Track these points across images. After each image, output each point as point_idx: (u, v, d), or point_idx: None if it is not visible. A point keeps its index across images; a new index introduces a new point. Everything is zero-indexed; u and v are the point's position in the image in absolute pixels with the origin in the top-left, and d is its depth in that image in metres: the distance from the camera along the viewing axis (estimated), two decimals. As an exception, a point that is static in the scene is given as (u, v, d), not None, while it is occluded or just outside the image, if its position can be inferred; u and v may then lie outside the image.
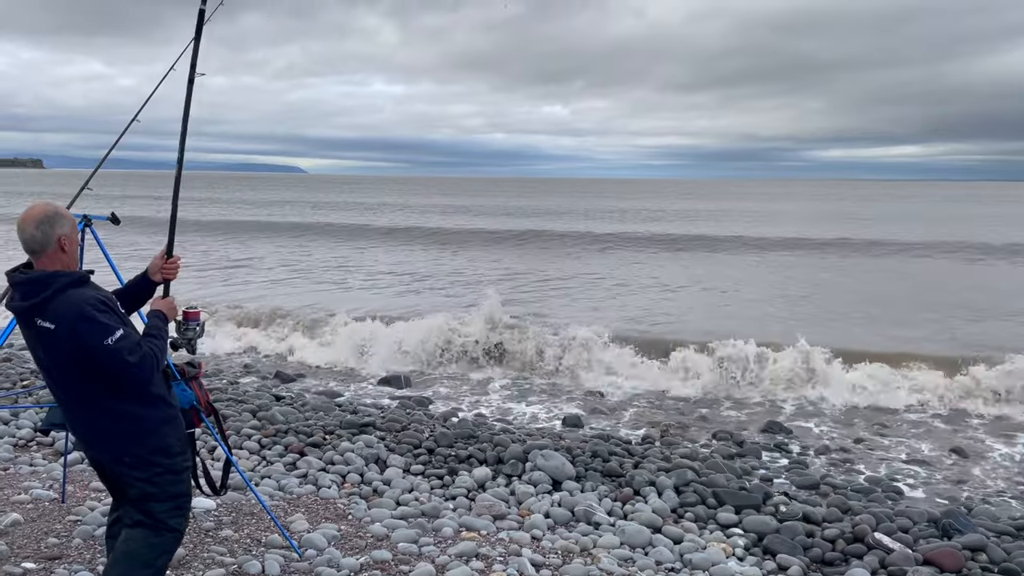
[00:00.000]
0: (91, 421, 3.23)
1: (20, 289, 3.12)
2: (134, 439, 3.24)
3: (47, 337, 3.08)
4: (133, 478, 3.27)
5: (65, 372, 3.15)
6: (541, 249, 27.62)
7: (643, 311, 15.09)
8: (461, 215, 46.35)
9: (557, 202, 67.42)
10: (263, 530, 4.78)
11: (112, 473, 3.35)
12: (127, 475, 3.28)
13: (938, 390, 9.81)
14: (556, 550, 4.89)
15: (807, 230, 34.83)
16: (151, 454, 3.27)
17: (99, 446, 3.29)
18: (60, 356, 3.11)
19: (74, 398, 3.21)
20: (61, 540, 4.48)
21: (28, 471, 5.86)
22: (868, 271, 22.33)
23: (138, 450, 3.25)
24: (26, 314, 3.10)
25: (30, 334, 3.16)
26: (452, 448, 7.21)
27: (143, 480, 3.27)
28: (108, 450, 3.27)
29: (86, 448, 3.38)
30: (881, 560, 5.40)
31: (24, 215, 3.13)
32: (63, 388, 3.21)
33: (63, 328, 3.03)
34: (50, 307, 3.05)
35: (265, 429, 7.50)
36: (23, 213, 3.14)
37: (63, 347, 3.07)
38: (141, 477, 3.27)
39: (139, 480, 3.27)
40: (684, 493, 6.38)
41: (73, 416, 3.29)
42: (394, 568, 4.34)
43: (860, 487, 6.98)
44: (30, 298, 3.08)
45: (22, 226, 3.11)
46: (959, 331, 13.16)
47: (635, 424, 8.84)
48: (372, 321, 12.66)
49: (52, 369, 3.18)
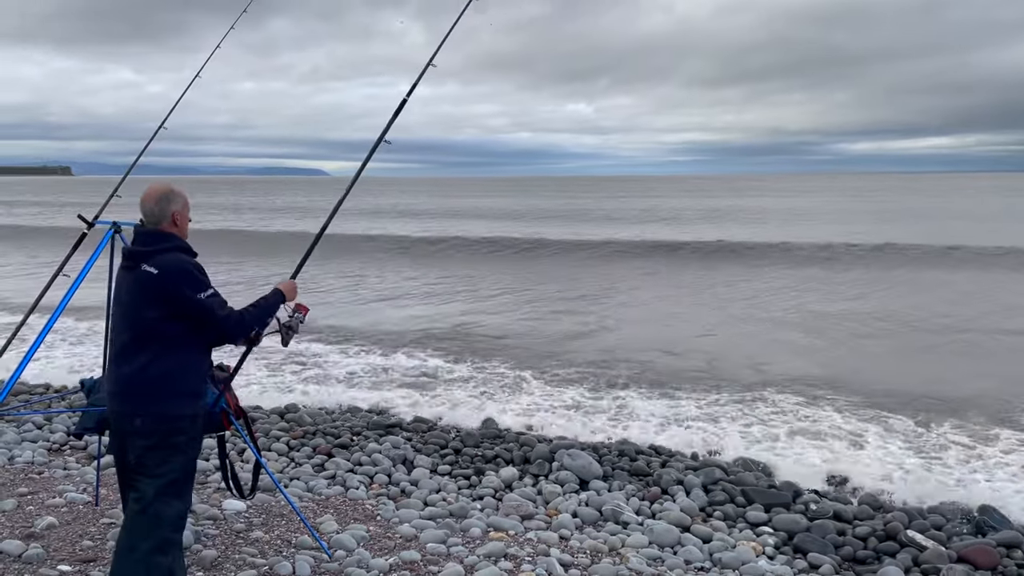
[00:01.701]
0: (137, 366, 3.41)
1: (141, 238, 3.54)
2: (161, 399, 3.40)
3: (147, 279, 3.43)
4: (138, 440, 3.40)
5: (142, 312, 3.43)
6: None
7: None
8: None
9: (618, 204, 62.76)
10: (293, 531, 4.82)
11: (123, 429, 3.46)
12: (135, 434, 3.40)
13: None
14: (584, 550, 4.88)
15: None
16: (167, 420, 3.41)
17: (129, 396, 3.42)
18: (149, 297, 3.43)
19: (135, 339, 3.44)
20: (95, 543, 4.54)
21: (62, 475, 5.95)
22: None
23: (157, 410, 3.40)
24: (137, 257, 3.47)
25: (128, 276, 3.48)
26: (479, 448, 7.22)
27: (145, 445, 3.39)
28: (132, 402, 3.41)
29: (114, 400, 3.48)
30: (914, 558, 5.34)
31: (145, 192, 3.56)
32: (131, 327, 3.45)
33: (165, 275, 3.42)
34: (158, 258, 3.46)
35: (293, 431, 7.57)
36: (145, 191, 3.58)
37: (157, 290, 3.42)
38: (145, 443, 3.39)
39: (141, 443, 3.39)
40: (712, 492, 6.34)
41: (121, 359, 3.47)
42: (423, 568, 4.35)
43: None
44: (146, 246, 3.50)
45: (144, 201, 3.56)
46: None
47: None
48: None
49: (132, 308, 3.45)
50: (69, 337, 12.91)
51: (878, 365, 11.51)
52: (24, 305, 4.87)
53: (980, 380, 10.79)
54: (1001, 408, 9.31)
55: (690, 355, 12.10)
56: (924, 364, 11.81)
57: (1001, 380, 10.61)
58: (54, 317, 4.32)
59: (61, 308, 4.30)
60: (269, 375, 10.73)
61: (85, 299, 5.67)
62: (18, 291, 17.71)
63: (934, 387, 10.28)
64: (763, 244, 27.22)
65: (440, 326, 14.84)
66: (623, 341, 13.38)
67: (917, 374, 11.02)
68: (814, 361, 11.87)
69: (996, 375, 10.97)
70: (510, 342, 13.31)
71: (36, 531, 4.67)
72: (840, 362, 11.84)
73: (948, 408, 9.28)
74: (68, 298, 4.33)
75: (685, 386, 10.26)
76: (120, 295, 3.55)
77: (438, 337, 13.74)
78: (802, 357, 12.23)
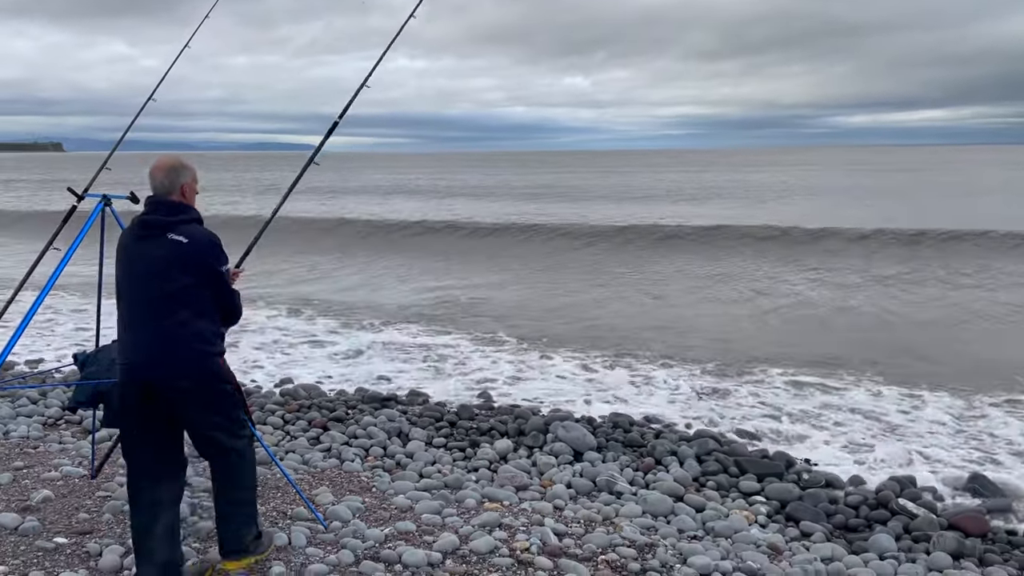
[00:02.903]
0: (170, 330, 3.50)
1: (161, 208, 3.57)
2: (202, 359, 3.57)
3: (175, 247, 3.51)
4: (190, 400, 3.56)
5: (175, 279, 3.51)
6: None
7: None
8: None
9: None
10: (289, 503, 4.84)
11: (165, 395, 3.52)
12: (184, 397, 3.53)
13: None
14: (578, 519, 4.92)
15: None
16: (210, 377, 3.60)
17: (165, 361, 3.50)
18: (181, 264, 3.52)
19: (165, 304, 3.50)
20: (91, 515, 4.56)
21: (57, 449, 5.96)
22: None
23: (202, 368, 3.57)
24: (164, 227, 3.53)
25: (150, 245, 3.52)
26: (473, 421, 7.25)
27: (200, 403, 3.58)
28: (171, 366, 3.50)
29: (143, 369, 3.51)
30: (905, 525, 5.39)
31: (155, 165, 3.63)
32: (159, 294, 3.50)
33: (196, 245, 3.55)
34: (183, 228, 3.55)
35: (288, 405, 7.59)
36: (154, 162, 3.64)
37: (188, 258, 3.52)
38: (200, 401, 3.57)
39: (195, 402, 3.56)
40: (706, 462, 6.38)
41: (145, 326, 3.51)
42: (418, 539, 4.38)
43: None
44: (169, 216, 3.55)
45: (153, 173, 3.61)
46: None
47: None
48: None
49: (159, 276, 3.49)
50: (62, 311, 12.88)
51: (883, 343, 11.51)
52: (15, 281, 4.84)
53: (974, 352, 10.87)
54: (995, 380, 9.37)
55: (689, 332, 12.14)
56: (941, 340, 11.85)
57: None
58: (45, 290, 4.30)
59: (52, 281, 4.28)
60: (262, 350, 10.73)
61: (76, 273, 5.64)
62: (7, 269, 17.61)
63: (931, 360, 10.36)
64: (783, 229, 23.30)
65: (434, 303, 14.84)
66: (620, 318, 13.41)
67: (924, 348, 11.10)
68: (814, 340, 11.94)
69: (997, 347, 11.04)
70: (506, 317, 13.32)
71: (32, 504, 4.69)
72: (835, 340, 11.91)
73: (940, 380, 9.34)
74: (59, 271, 4.31)
75: (681, 360, 10.29)
76: (135, 265, 3.55)
77: (433, 313, 13.75)
78: (801, 335, 12.30)
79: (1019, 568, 4.78)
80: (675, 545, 4.58)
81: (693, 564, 4.26)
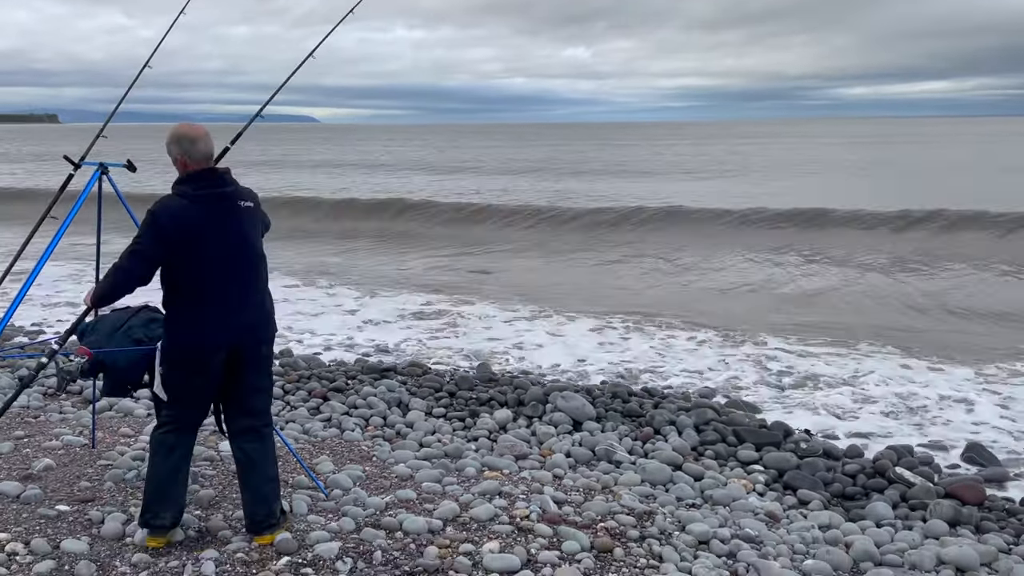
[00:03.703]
0: (260, 297, 3.73)
1: (223, 177, 3.62)
2: (273, 324, 3.83)
3: (249, 215, 3.67)
4: (266, 363, 3.84)
5: (257, 245, 3.72)
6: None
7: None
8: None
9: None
10: (290, 472, 4.86)
11: (258, 355, 3.74)
12: (255, 361, 3.74)
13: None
14: (578, 488, 4.94)
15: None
16: (273, 343, 3.89)
17: (259, 327, 3.73)
18: (256, 229, 3.72)
19: (254, 274, 3.69)
20: (93, 483, 4.58)
21: (58, 419, 5.98)
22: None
23: (273, 334, 3.85)
24: (235, 197, 3.63)
25: (234, 214, 3.60)
26: (473, 391, 7.27)
27: (262, 370, 3.81)
28: (260, 333, 3.75)
29: (237, 332, 3.64)
30: (902, 494, 5.43)
31: (191, 133, 3.59)
32: (249, 264, 3.66)
33: (258, 207, 3.75)
34: (243, 192, 3.69)
35: (288, 375, 7.60)
36: (192, 127, 3.63)
37: (257, 221, 3.74)
38: (262, 368, 3.80)
39: (256, 368, 3.76)
40: (704, 432, 6.41)
41: (246, 295, 3.65)
42: (418, 507, 4.40)
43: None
44: (231, 184, 3.64)
45: (196, 142, 3.58)
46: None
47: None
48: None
49: (244, 246, 3.63)
50: (62, 280, 12.86)
51: (885, 317, 11.51)
52: (12, 252, 4.82)
53: (973, 326, 10.91)
54: (997, 352, 9.40)
55: (691, 304, 12.16)
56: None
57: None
58: (43, 259, 4.28)
59: (50, 250, 4.26)
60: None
61: (77, 243, 5.58)
62: (5, 240, 17.55)
63: (931, 333, 10.40)
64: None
65: (435, 273, 14.84)
66: (624, 291, 13.44)
67: (909, 319, 11.12)
68: (810, 309, 11.97)
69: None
70: (508, 288, 13.33)
71: (34, 472, 4.71)
72: (838, 309, 11.95)
73: (940, 351, 9.37)
74: (56, 240, 4.29)
75: (680, 331, 10.31)
76: (229, 238, 3.58)
77: (431, 284, 13.76)
78: (797, 306, 12.33)
79: (1015, 535, 4.82)
80: (674, 513, 4.61)
81: (692, 531, 4.29)
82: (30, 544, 3.76)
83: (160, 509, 3.72)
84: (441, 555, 3.78)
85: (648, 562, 3.90)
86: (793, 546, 4.35)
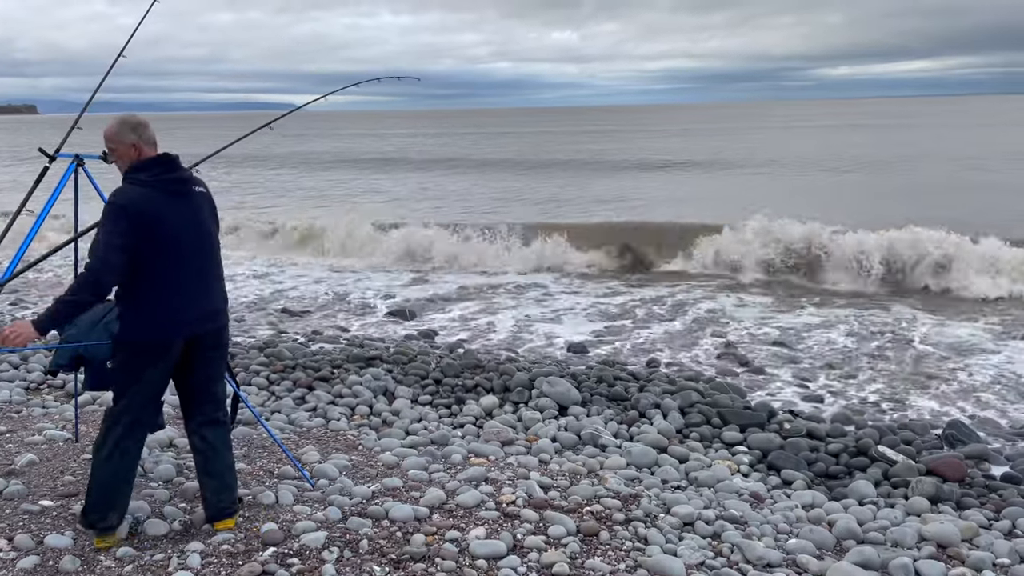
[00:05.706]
0: (221, 284, 3.76)
1: (175, 162, 3.62)
2: (228, 314, 3.86)
3: (205, 200, 3.68)
4: (224, 351, 3.86)
5: (213, 231, 3.72)
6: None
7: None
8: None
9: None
10: (275, 462, 4.86)
11: (206, 344, 3.71)
12: (216, 348, 3.76)
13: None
14: (564, 472, 4.96)
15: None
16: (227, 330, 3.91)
17: (222, 314, 3.77)
18: (212, 215, 3.73)
19: (213, 261, 3.71)
20: (76, 478, 4.55)
21: (40, 413, 5.93)
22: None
23: (228, 322, 3.89)
24: (191, 182, 3.65)
25: (190, 200, 3.60)
26: (459, 378, 7.27)
27: (220, 356, 3.84)
28: (222, 319, 3.79)
29: (203, 321, 3.66)
30: (885, 472, 5.49)
31: (135, 120, 3.63)
32: (209, 250, 3.67)
33: (210, 193, 3.75)
34: (196, 177, 3.73)
35: (273, 365, 7.57)
36: (128, 118, 3.64)
37: (212, 208, 3.73)
38: (220, 355, 3.84)
39: (218, 355, 3.80)
40: (689, 414, 6.44)
41: (205, 283, 3.67)
42: (405, 495, 4.41)
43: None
44: (185, 169, 3.67)
45: (140, 129, 3.60)
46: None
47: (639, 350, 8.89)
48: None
49: (202, 232, 3.63)
50: (38, 273, 12.74)
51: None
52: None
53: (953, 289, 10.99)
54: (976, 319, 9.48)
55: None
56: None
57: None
58: (19, 253, 4.23)
59: (26, 244, 4.21)
60: (247, 311, 10.69)
61: (54, 237, 5.53)
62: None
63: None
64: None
65: (414, 260, 14.80)
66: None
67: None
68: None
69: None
70: (491, 274, 13.31)
71: (16, 468, 4.67)
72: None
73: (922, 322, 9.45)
74: (32, 233, 4.24)
75: (664, 311, 10.35)
76: (186, 223, 3.55)
77: (414, 270, 13.73)
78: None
79: (996, 511, 4.88)
80: (659, 495, 4.64)
81: (677, 513, 4.32)
82: (14, 540, 3.74)
83: (108, 511, 3.68)
84: (428, 542, 3.79)
85: (634, 545, 3.93)
86: (777, 526, 4.39)
